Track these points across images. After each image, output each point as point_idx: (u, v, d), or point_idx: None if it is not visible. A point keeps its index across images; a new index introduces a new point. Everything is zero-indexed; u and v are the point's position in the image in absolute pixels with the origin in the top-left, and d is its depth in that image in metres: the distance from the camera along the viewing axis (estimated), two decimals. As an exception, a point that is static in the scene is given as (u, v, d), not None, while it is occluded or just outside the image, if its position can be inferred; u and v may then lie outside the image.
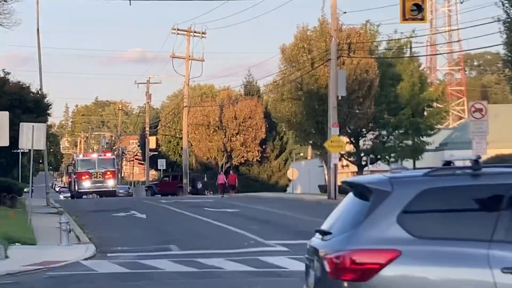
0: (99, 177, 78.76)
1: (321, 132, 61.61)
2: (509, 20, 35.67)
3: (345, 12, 58.83)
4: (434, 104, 76.64)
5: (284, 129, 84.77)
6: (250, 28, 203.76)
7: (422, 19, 27.03)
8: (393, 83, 69.93)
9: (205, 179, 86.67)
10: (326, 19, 60.97)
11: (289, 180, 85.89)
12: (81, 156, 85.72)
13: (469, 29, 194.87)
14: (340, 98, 53.65)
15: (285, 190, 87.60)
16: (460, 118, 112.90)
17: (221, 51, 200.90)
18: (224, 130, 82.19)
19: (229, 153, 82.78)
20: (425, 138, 73.53)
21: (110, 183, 79.94)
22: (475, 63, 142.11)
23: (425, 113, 73.84)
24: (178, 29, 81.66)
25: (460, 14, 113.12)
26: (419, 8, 26.45)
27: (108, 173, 79.71)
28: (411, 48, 72.84)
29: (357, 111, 61.95)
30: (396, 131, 71.64)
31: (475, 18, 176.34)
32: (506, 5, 35.68)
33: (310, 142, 68.88)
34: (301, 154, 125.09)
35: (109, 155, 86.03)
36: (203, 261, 22.85)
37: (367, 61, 62.42)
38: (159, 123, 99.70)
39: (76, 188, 79.91)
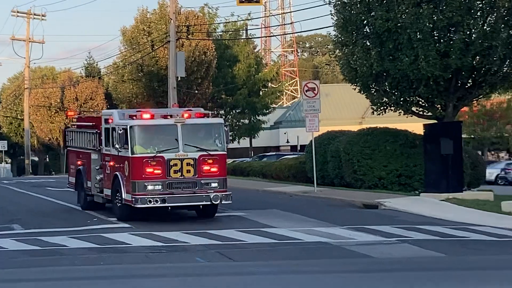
0: (188, 171, 25.63)
1: (162, 112, 61.39)
2: (339, 2, 36.23)
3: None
4: (269, 84, 77.61)
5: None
6: (90, 12, 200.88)
7: (258, 1, 27.30)
8: (230, 65, 70.44)
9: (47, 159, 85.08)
10: (166, 1, 60.86)
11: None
12: (140, 117, 26.10)
13: (301, 12, 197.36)
14: (179, 79, 53.50)
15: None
16: (294, 97, 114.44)
17: (62, 33, 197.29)
18: (66, 112, 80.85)
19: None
20: (261, 117, 74.49)
21: (214, 185, 26.05)
22: (307, 45, 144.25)
23: (261, 93, 74.72)
24: (17, 11, 79.80)
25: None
26: (254, -10, 26.65)
27: (210, 161, 25.98)
28: (246, 30, 73.53)
29: (196, 91, 62.16)
30: (234, 111, 72.23)
31: (306, 1, 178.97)
32: (337, -12, 36.28)
33: (151, 122, 68.39)
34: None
35: (206, 116, 27.39)
36: (46, 239, 22.44)
37: (205, 43, 62.61)
38: (0, 104, 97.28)
39: (124, 194, 25.84)
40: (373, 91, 37.32)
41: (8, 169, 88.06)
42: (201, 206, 26.48)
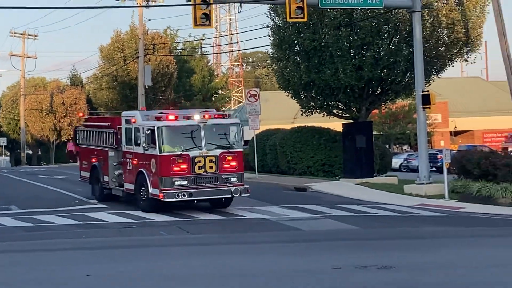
0: (211, 167, 22.94)
1: (133, 114, 61.06)
2: (275, 26, 36.23)
3: (149, 20, 58.65)
4: (220, 91, 77.49)
5: (102, 113, 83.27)
6: (75, 32, 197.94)
7: (210, 25, 26.96)
8: (188, 76, 70.18)
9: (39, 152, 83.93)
10: (136, 25, 60.44)
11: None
12: (166, 118, 23.12)
13: (245, 33, 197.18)
14: (147, 87, 53.19)
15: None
16: (239, 102, 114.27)
17: (51, 50, 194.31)
18: (54, 114, 79.80)
19: (58, 132, 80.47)
20: (213, 118, 74.15)
21: (234, 180, 23.25)
22: (250, 60, 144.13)
23: (213, 98, 74.56)
24: (15, 33, 78.71)
25: (238, 21, 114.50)
26: (207, 16, 26.44)
27: (229, 158, 23.24)
28: (201, 48, 73.30)
29: (161, 97, 62.07)
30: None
31: (249, 24, 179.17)
32: (273, 14, 36.25)
33: (124, 122, 67.98)
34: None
35: (224, 117, 24.17)
36: (38, 217, 22.17)
37: (168, 58, 62.56)
38: (0, 108, 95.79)
39: (150, 189, 22.95)
40: (302, 97, 37.43)
41: (7, 160, 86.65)
42: (223, 199, 23.70)
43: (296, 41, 35.41)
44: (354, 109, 36.60)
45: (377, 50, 33.76)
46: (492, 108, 77.88)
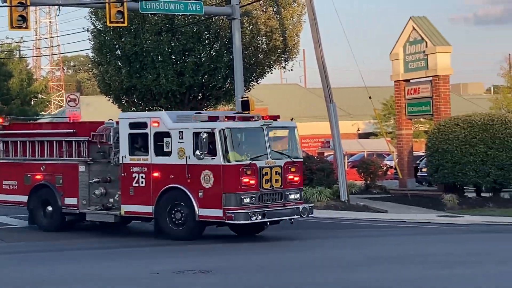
0: (277, 181, 18.23)
1: None
2: (95, 30, 35.61)
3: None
4: (39, 95, 75.47)
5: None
6: None
7: (27, 27, 26.20)
8: (5, 79, 67.78)
9: None
10: None
11: None
12: (223, 120, 18.35)
13: (66, 37, 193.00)
14: (-40, 90, 50.90)
15: None
16: (60, 106, 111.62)
17: None
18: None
19: None
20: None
21: (296, 197, 18.74)
22: (72, 63, 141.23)
23: (32, 103, 72.49)
24: None
25: (59, 24, 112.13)
26: (23, 18, 25.64)
27: (293, 169, 18.64)
28: (19, 51, 71.04)
29: (-25, 101, 59.58)
30: (8, 117, 69.34)
31: (70, 27, 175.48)
32: (93, 18, 35.61)
33: None
34: None
35: (277, 119, 19.84)
36: None
37: (-17, 60, 60.18)
38: None
39: (198, 209, 17.79)
40: (123, 102, 37.01)
41: None
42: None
43: (117, 46, 34.96)
44: (176, 114, 36.65)
45: (198, 56, 33.97)
46: (310, 114, 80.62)
